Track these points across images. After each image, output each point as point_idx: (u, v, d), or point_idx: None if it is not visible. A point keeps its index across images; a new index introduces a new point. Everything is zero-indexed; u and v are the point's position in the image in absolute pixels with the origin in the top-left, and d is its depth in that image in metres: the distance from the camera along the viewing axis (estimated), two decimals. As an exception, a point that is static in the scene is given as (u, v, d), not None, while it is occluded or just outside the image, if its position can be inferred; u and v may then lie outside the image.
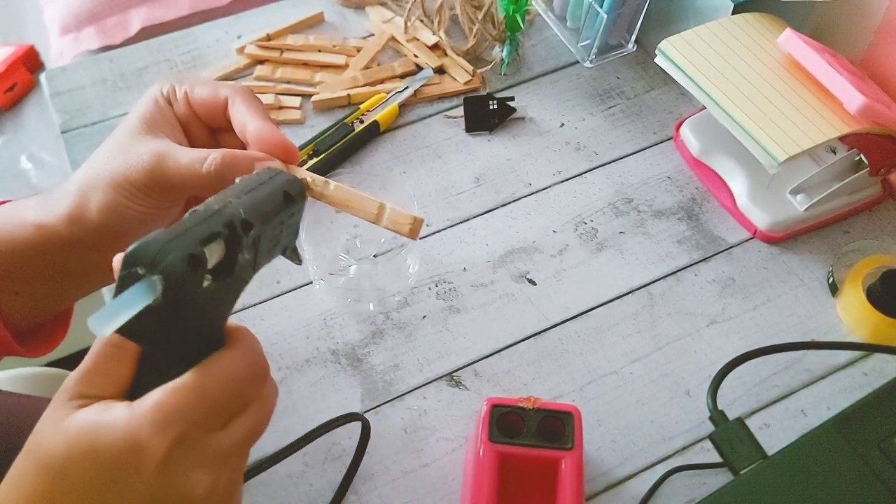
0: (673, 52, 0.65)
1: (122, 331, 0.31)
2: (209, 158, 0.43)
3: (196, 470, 0.34)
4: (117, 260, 0.35)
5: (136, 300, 0.31)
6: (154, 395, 0.33)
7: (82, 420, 0.33)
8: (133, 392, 0.35)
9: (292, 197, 0.39)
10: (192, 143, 0.46)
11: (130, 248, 0.32)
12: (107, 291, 0.63)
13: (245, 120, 0.44)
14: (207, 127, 0.47)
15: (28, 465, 0.35)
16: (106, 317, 0.30)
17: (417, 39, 0.79)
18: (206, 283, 0.33)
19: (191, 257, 0.32)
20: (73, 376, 0.35)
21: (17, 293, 0.47)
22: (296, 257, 0.42)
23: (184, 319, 0.33)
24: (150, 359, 0.34)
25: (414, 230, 0.43)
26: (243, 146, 0.45)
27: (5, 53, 1.10)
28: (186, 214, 0.34)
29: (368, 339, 0.62)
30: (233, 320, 0.64)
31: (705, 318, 0.63)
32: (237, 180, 0.39)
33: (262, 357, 0.38)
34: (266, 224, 0.36)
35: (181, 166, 0.43)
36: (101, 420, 0.33)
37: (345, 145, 0.70)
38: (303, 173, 0.44)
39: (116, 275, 0.34)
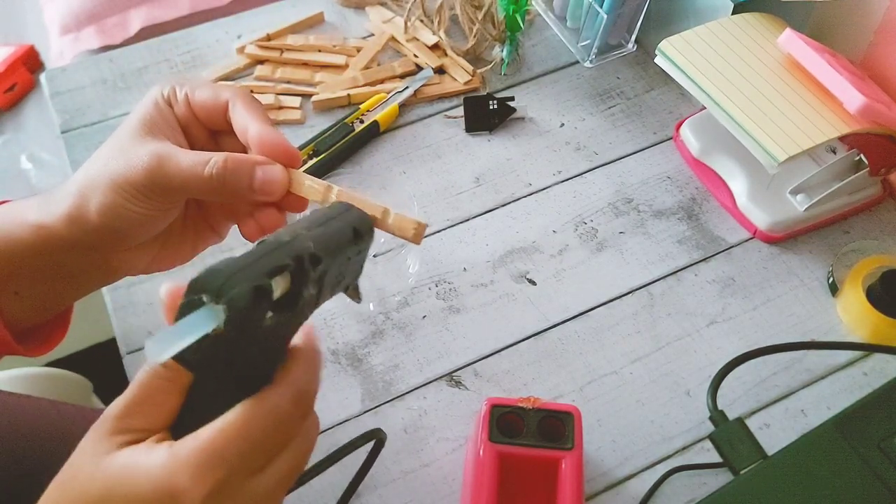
0: (673, 52, 0.65)
1: (178, 358, 0.31)
2: (211, 162, 0.42)
3: None
4: (166, 288, 0.34)
5: (198, 327, 0.30)
6: (196, 439, 0.33)
7: (123, 462, 0.33)
8: (178, 424, 0.34)
9: (361, 234, 0.39)
10: (193, 146, 0.46)
11: (197, 274, 0.31)
12: (106, 291, 0.63)
13: (246, 123, 0.44)
14: (207, 129, 0.47)
15: (61, 499, 0.35)
16: (165, 341, 0.30)
17: (417, 39, 0.79)
18: (268, 316, 0.32)
19: (257, 289, 0.31)
20: (116, 407, 0.34)
21: (17, 293, 0.47)
22: (356, 295, 0.41)
23: (241, 351, 0.32)
24: (199, 390, 0.34)
25: (418, 235, 0.43)
26: (244, 149, 0.45)
27: (5, 53, 1.10)
28: (255, 244, 0.34)
29: (368, 339, 0.62)
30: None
31: (705, 318, 0.63)
32: (307, 212, 0.38)
33: (311, 390, 0.37)
34: (333, 259, 0.36)
35: (183, 169, 0.43)
36: (141, 463, 0.32)
37: (345, 145, 0.70)
38: (306, 179, 0.44)
39: (165, 304, 0.33)
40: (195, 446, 0.32)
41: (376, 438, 0.50)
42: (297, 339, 0.37)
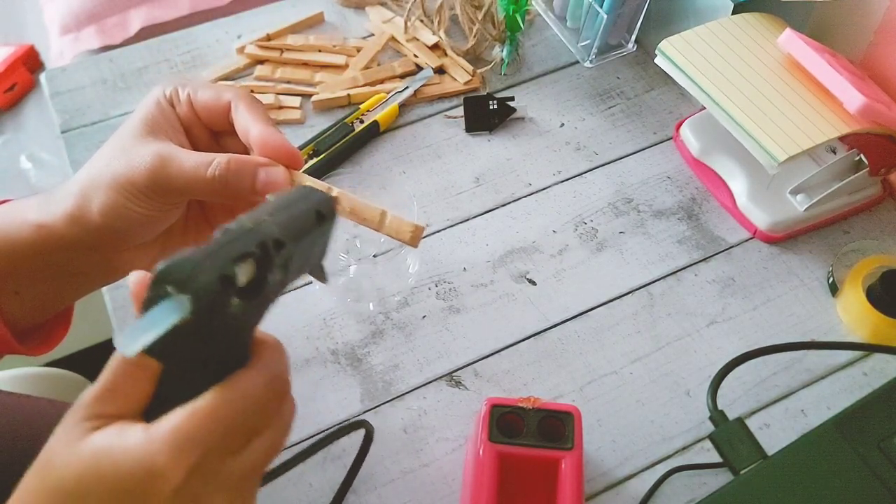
0: (673, 52, 0.65)
1: (147, 350, 0.31)
2: (214, 163, 0.42)
3: (212, 496, 0.34)
4: (134, 277, 0.34)
5: (164, 319, 0.31)
6: (171, 420, 0.33)
7: (97, 444, 0.33)
8: (151, 411, 0.34)
9: (325, 216, 0.38)
10: (194, 146, 0.46)
11: (160, 265, 0.31)
12: (106, 291, 0.63)
13: (249, 124, 0.44)
14: (209, 130, 0.47)
15: (38, 486, 0.34)
16: (133, 335, 0.30)
17: (417, 39, 0.79)
18: (234, 303, 0.33)
19: (222, 278, 0.31)
20: (88, 394, 0.34)
21: (18, 292, 0.47)
22: (322, 276, 0.41)
23: (209, 339, 0.33)
24: (170, 376, 0.34)
25: (415, 237, 0.43)
26: (245, 150, 0.45)
27: (5, 53, 1.10)
28: (217, 232, 0.34)
29: (368, 339, 0.62)
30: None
31: (705, 318, 0.63)
32: (269, 197, 0.38)
33: (284, 374, 0.37)
34: (298, 243, 0.36)
35: (185, 170, 0.42)
36: (116, 444, 0.33)
37: (345, 145, 0.70)
38: (307, 181, 0.44)
39: (133, 292, 0.34)
40: (171, 427, 0.32)
41: (364, 430, 0.50)
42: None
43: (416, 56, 0.78)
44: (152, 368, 0.34)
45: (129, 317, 0.62)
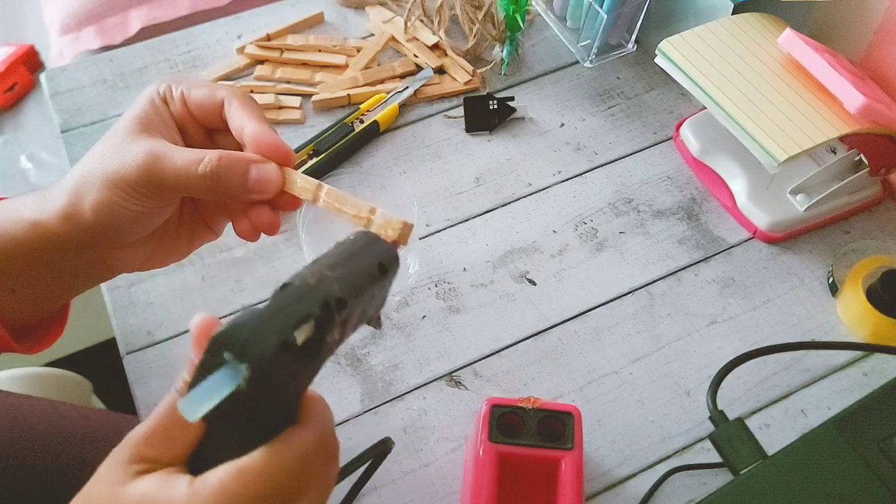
0: (673, 52, 0.65)
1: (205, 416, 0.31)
2: (205, 160, 0.42)
3: None
4: (197, 322, 0.34)
5: (222, 387, 0.30)
6: (217, 476, 0.32)
7: (142, 490, 0.33)
8: (195, 460, 0.33)
9: (387, 269, 0.37)
10: (188, 144, 0.46)
11: (221, 329, 0.31)
12: (107, 291, 0.63)
13: (242, 122, 0.44)
14: (203, 128, 0.47)
15: None
16: (194, 403, 0.30)
17: (417, 39, 0.79)
18: (291, 365, 0.32)
19: (282, 343, 0.31)
20: (136, 435, 0.34)
21: (13, 291, 0.47)
22: (378, 324, 0.40)
23: (263, 402, 0.32)
24: (219, 429, 0.33)
25: (404, 235, 0.42)
26: (239, 147, 0.45)
27: (5, 53, 1.10)
28: (278, 289, 0.33)
29: (368, 340, 0.62)
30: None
31: (705, 318, 0.63)
32: (333, 246, 0.37)
33: (333, 436, 0.36)
34: (359, 300, 0.35)
35: (177, 167, 0.42)
36: (161, 495, 0.32)
37: (345, 145, 0.70)
38: (298, 178, 0.43)
39: (195, 336, 0.33)
40: (217, 483, 0.32)
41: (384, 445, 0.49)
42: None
43: (416, 56, 0.78)
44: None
45: (129, 318, 0.62)
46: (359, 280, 0.35)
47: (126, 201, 0.43)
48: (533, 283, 0.65)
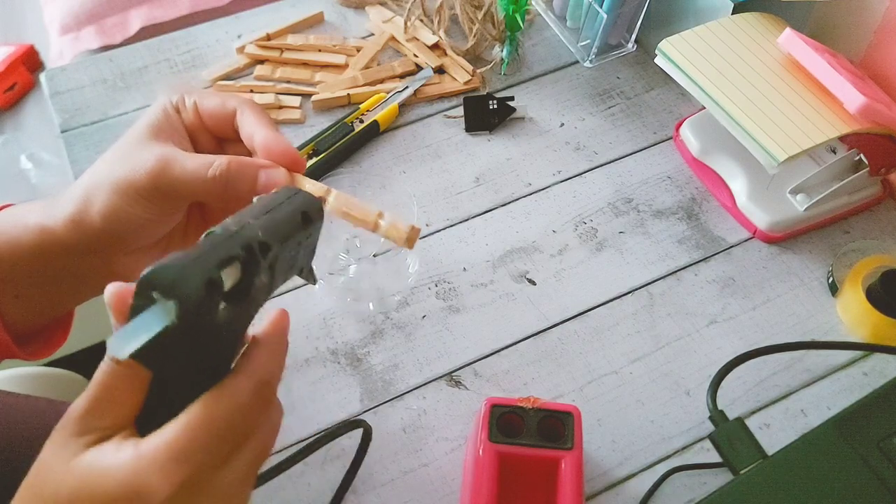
0: (673, 52, 0.65)
1: (135, 355, 0.31)
2: (215, 164, 0.43)
3: None
4: (111, 288, 0.35)
5: (152, 325, 0.31)
6: (161, 436, 0.33)
7: (89, 462, 0.33)
8: (143, 419, 0.34)
9: (311, 217, 0.38)
10: (199, 152, 0.46)
11: (145, 272, 0.31)
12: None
13: (253, 130, 0.44)
14: (214, 137, 0.47)
15: (34, 502, 0.35)
16: (122, 340, 0.30)
17: (417, 39, 0.79)
18: (221, 307, 0.33)
19: (208, 282, 0.31)
20: (78, 407, 0.34)
21: (18, 297, 0.47)
22: (311, 277, 0.41)
23: (197, 344, 0.33)
24: (161, 384, 0.34)
25: (410, 240, 0.43)
26: (250, 155, 0.45)
27: (5, 53, 1.10)
28: (203, 236, 0.34)
29: (368, 339, 0.62)
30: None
31: (705, 318, 0.63)
32: (255, 200, 0.38)
33: (271, 379, 0.37)
34: (284, 245, 0.36)
35: (187, 171, 0.43)
36: (107, 464, 0.33)
37: (345, 145, 0.70)
38: (307, 182, 0.44)
39: (111, 304, 0.34)
40: (159, 444, 0.33)
41: (363, 429, 0.50)
42: (262, 327, 0.37)
43: (416, 56, 0.78)
44: (142, 376, 0.34)
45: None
46: (281, 227, 0.36)
47: (135, 208, 0.43)
48: (533, 282, 0.65)
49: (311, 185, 0.44)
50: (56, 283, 0.47)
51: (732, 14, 0.68)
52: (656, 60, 0.66)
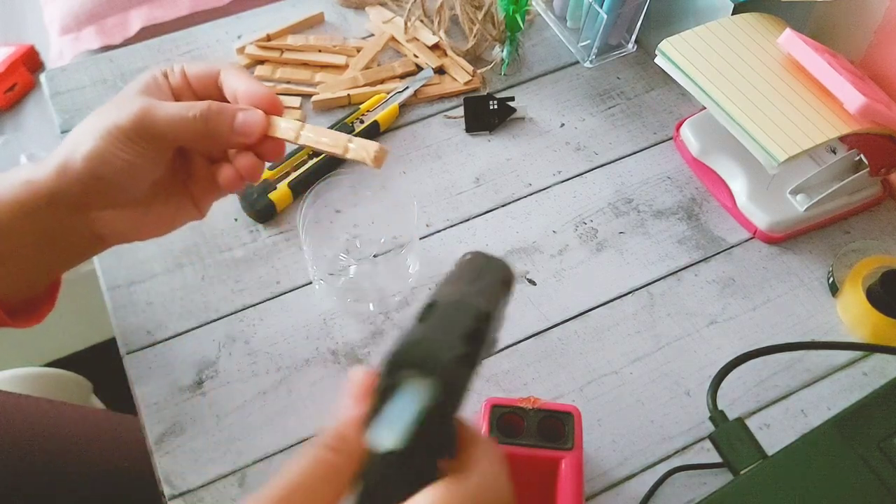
0: (673, 52, 0.65)
1: (404, 440, 0.29)
2: (196, 106, 0.47)
3: None
4: (358, 377, 0.32)
5: (412, 405, 0.29)
6: None
7: None
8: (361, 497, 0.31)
9: (510, 285, 0.37)
10: None
11: (395, 350, 0.30)
12: (107, 291, 0.63)
13: (236, 84, 0.49)
14: (200, 98, 0.50)
15: None
16: (389, 426, 0.29)
17: (417, 39, 0.79)
18: (468, 380, 0.31)
19: (461, 356, 0.30)
20: (276, 495, 0.30)
21: (3, 263, 0.48)
22: (494, 345, 0.39)
23: (449, 419, 0.31)
24: (374, 472, 0.30)
25: (378, 159, 0.47)
26: None
27: (5, 53, 1.10)
28: (425, 308, 0.32)
29: (368, 339, 0.62)
30: (232, 320, 0.64)
31: (705, 318, 0.63)
32: (455, 267, 0.37)
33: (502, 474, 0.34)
34: (498, 313, 0.35)
35: (169, 113, 0.46)
36: None
37: (345, 145, 0.70)
38: (282, 122, 0.48)
39: (356, 392, 0.31)
40: None
41: None
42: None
43: (416, 56, 0.78)
44: (352, 464, 0.31)
45: (129, 318, 0.62)
46: (494, 296, 0.35)
47: (118, 149, 0.46)
48: (533, 283, 0.65)
49: (285, 124, 0.48)
50: (41, 245, 0.49)
51: (732, 14, 0.68)
52: (656, 60, 0.66)
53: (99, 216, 0.49)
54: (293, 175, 0.68)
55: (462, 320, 0.32)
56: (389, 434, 0.29)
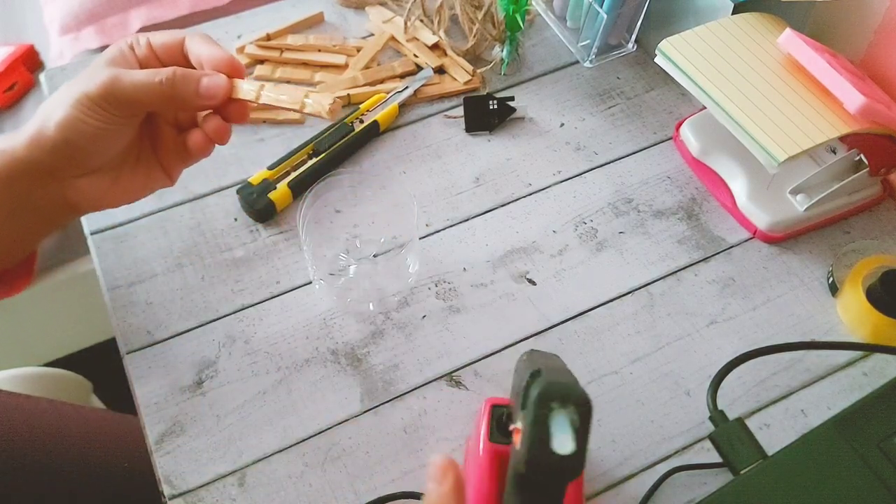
0: (673, 52, 0.65)
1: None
2: (162, 72, 0.50)
3: None
4: (439, 462, 0.40)
5: (566, 427, 0.37)
6: None
7: None
8: None
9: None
10: None
11: (542, 390, 0.37)
12: (107, 291, 0.63)
13: (200, 50, 0.52)
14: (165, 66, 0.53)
15: None
16: (563, 436, 0.36)
17: (417, 39, 0.79)
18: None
19: (584, 393, 0.38)
20: None
21: None
22: None
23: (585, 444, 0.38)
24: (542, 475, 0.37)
25: (332, 111, 0.51)
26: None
27: (5, 53, 1.10)
28: (533, 374, 0.39)
29: (368, 339, 0.62)
30: (232, 320, 0.64)
31: (705, 318, 0.63)
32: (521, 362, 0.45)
33: None
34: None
35: (136, 79, 0.49)
36: None
37: (345, 145, 0.70)
38: (244, 84, 0.52)
39: (435, 470, 0.40)
40: None
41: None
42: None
43: (416, 56, 0.78)
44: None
45: (129, 318, 0.62)
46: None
47: (88, 116, 0.48)
48: (533, 283, 0.65)
49: (247, 85, 0.52)
50: (17, 214, 0.51)
51: (732, 14, 0.68)
52: (656, 60, 0.66)
53: (72, 184, 0.51)
54: (293, 175, 0.68)
55: (565, 372, 0.41)
56: (567, 441, 0.36)
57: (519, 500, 0.39)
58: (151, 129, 0.55)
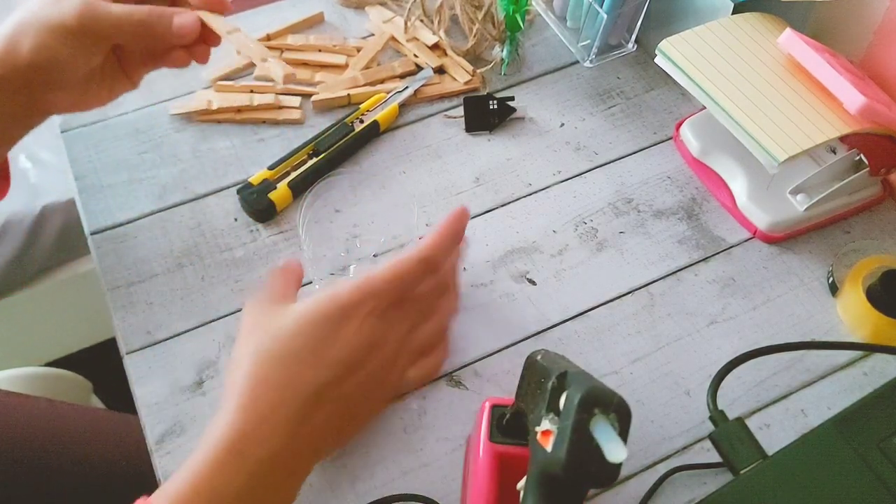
0: (673, 52, 0.65)
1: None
2: (138, 9, 0.52)
3: (388, 341, 0.49)
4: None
5: (610, 432, 0.38)
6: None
7: None
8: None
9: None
10: None
11: (585, 394, 0.39)
12: (107, 291, 0.63)
13: None
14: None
15: None
16: (611, 452, 0.37)
17: (417, 39, 0.79)
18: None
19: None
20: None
21: None
22: None
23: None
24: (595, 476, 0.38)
25: (287, 77, 0.58)
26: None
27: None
28: (559, 376, 0.41)
29: (368, 339, 0.61)
30: (232, 320, 0.64)
31: (705, 318, 0.63)
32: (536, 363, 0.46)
33: (436, 257, 0.51)
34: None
35: (112, 14, 0.51)
36: None
37: (345, 145, 0.70)
38: (215, 21, 0.56)
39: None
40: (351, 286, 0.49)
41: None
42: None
43: (416, 56, 0.78)
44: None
45: (129, 318, 0.62)
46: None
47: (62, 44, 0.51)
48: (533, 282, 0.65)
49: (221, 24, 0.56)
50: None
51: (732, 14, 0.68)
52: (656, 60, 0.66)
53: (42, 96, 0.54)
54: (293, 175, 0.68)
55: (589, 375, 0.41)
56: (618, 449, 0.37)
57: (543, 502, 0.40)
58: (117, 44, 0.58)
